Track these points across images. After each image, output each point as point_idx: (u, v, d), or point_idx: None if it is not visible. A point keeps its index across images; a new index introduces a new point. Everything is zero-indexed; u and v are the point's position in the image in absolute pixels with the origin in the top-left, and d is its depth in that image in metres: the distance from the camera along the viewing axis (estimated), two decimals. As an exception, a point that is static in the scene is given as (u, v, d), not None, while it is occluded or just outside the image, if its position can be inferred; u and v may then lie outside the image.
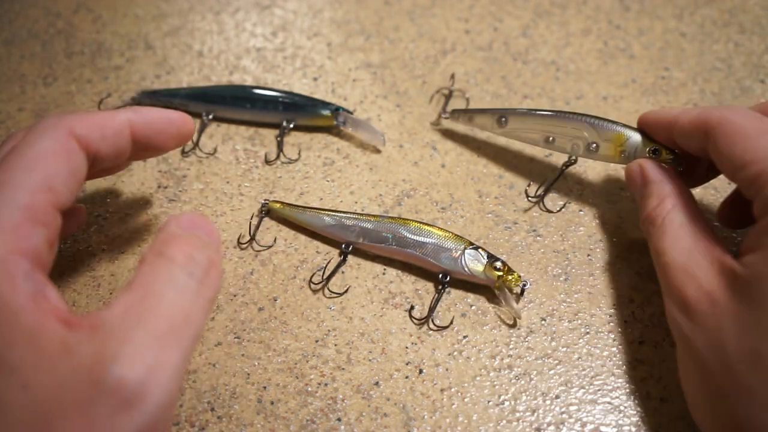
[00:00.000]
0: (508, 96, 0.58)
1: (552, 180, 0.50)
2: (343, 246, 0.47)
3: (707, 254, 0.36)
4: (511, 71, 0.60)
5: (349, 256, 0.48)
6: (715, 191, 0.51)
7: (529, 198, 0.50)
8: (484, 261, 0.44)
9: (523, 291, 0.45)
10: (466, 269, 0.44)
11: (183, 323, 0.29)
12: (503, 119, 0.51)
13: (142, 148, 0.39)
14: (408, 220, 0.47)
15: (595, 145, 0.48)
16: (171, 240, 0.31)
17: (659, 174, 0.43)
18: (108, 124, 0.36)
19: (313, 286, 0.46)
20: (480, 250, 0.45)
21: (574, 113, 0.49)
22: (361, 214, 0.48)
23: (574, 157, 0.50)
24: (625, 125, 0.47)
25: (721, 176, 0.53)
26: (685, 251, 0.37)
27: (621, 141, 0.47)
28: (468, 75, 0.60)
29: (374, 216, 0.48)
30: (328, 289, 0.46)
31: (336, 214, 0.48)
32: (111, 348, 0.26)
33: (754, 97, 0.58)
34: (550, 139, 0.49)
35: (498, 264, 0.44)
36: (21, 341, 0.27)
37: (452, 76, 0.58)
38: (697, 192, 0.51)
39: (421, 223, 0.47)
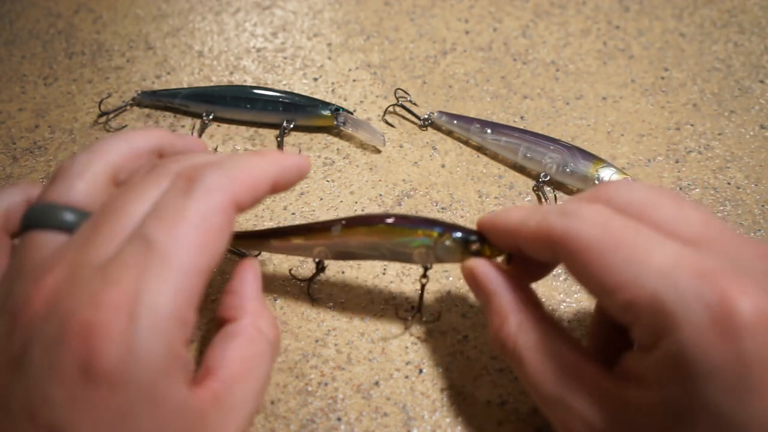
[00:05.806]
0: (507, 96, 0.58)
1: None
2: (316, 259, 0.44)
3: (579, 379, 0.30)
4: (510, 71, 0.60)
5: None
6: (714, 191, 0.51)
7: None
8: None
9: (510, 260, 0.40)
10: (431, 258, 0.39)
11: (260, 397, 0.35)
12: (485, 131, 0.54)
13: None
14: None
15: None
16: (264, 314, 0.37)
17: (494, 281, 0.35)
18: (259, 187, 0.32)
19: (306, 287, 0.46)
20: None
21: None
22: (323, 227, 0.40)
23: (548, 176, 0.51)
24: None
25: (716, 173, 0.53)
26: (552, 382, 0.30)
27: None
28: (468, 75, 0.60)
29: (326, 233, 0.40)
30: (310, 295, 0.45)
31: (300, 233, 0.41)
32: (227, 424, 0.31)
33: (753, 98, 0.58)
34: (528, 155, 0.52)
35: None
36: (175, 425, 0.29)
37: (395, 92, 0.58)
38: (697, 192, 0.51)
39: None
